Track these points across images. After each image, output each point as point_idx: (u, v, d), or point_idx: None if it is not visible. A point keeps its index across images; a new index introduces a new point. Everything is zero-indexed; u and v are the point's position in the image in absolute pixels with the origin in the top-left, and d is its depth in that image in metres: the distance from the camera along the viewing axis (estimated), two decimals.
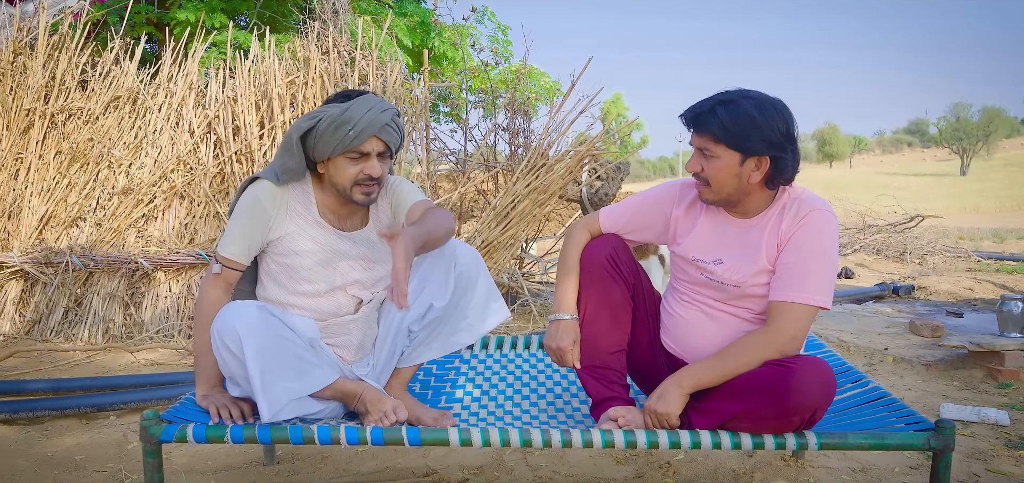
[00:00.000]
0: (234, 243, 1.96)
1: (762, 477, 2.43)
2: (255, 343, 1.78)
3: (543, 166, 4.70)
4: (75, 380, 3.47)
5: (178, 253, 4.41)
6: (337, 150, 1.90)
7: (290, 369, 1.85)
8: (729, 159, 1.79)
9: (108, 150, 4.59)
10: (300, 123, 1.91)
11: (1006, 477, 2.44)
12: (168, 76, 4.78)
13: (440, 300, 2.05)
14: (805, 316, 1.80)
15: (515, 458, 2.59)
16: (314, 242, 2.00)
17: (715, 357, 1.84)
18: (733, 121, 1.77)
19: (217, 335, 1.83)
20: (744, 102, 1.79)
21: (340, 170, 1.94)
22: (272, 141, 4.57)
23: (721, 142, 1.78)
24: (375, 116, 1.92)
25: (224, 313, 1.83)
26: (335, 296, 2.04)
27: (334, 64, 4.53)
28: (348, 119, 1.88)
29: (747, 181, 1.82)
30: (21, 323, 4.35)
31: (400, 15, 8.15)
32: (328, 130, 1.89)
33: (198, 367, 2.01)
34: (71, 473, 2.54)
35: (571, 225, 2.25)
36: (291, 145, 1.92)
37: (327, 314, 2.04)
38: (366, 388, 2.00)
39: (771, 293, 1.84)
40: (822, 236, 1.82)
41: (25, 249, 4.42)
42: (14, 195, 4.50)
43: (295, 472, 2.50)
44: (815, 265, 1.80)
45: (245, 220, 1.96)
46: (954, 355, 3.65)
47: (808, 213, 1.83)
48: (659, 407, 1.82)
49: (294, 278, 2.01)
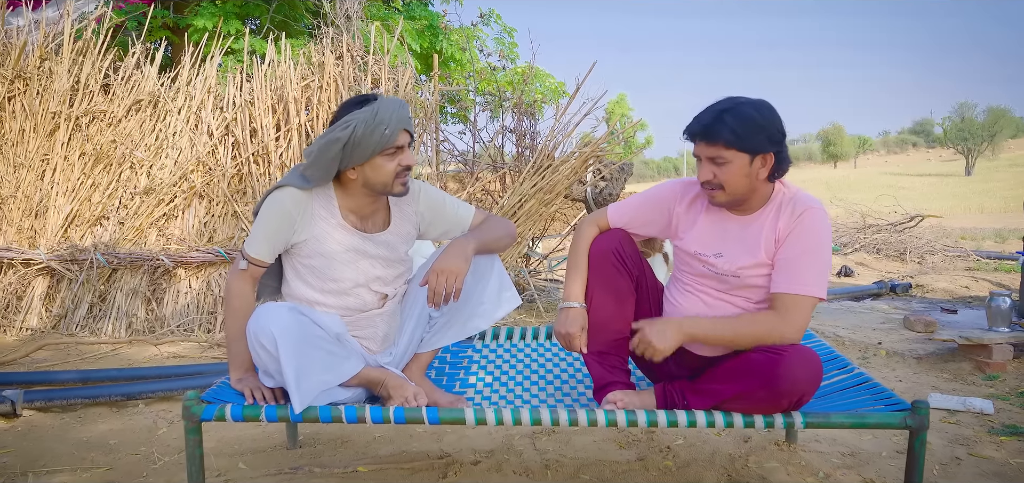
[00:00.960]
0: (260, 243, 2.11)
1: (756, 460, 2.58)
2: (289, 342, 1.93)
3: (549, 167, 4.86)
4: (103, 371, 3.65)
5: (198, 251, 4.58)
6: (375, 151, 2.03)
7: (320, 364, 2.00)
8: (740, 162, 1.93)
9: (130, 151, 4.76)
10: (334, 134, 2.01)
11: (986, 460, 2.59)
12: (187, 80, 4.94)
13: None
14: (808, 307, 1.95)
15: (524, 443, 2.75)
16: (338, 244, 2.14)
17: (723, 320, 1.98)
18: (741, 125, 1.91)
19: (253, 335, 1.98)
20: (744, 107, 1.93)
21: (378, 169, 2.07)
22: (288, 143, 4.74)
23: (732, 147, 1.91)
24: (401, 111, 2.06)
25: (259, 315, 1.99)
26: (359, 292, 2.19)
27: (348, 69, 4.70)
28: (382, 120, 2.01)
29: (756, 178, 1.96)
30: (48, 318, 4.52)
31: (409, 19, 8.31)
32: (365, 135, 2.00)
33: (231, 353, 2.17)
34: (106, 455, 2.70)
35: (580, 220, 2.41)
36: (329, 155, 2.02)
37: (353, 309, 2.19)
38: (388, 375, 2.16)
39: (774, 286, 1.99)
40: (818, 233, 1.97)
41: (51, 247, 4.60)
42: (41, 195, 4.68)
43: (317, 455, 2.66)
44: (813, 260, 1.95)
45: (271, 223, 2.11)
46: (944, 349, 3.79)
47: (804, 211, 1.98)
48: (654, 338, 1.96)
49: (321, 277, 2.16)
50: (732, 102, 1.95)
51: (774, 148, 1.94)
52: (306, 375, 1.95)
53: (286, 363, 1.91)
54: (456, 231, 2.32)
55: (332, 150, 2.01)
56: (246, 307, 2.12)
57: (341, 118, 2.04)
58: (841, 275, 7.17)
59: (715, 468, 2.52)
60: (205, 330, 4.50)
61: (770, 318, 1.96)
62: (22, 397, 3.13)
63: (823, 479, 2.45)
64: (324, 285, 2.16)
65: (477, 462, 2.56)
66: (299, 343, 1.94)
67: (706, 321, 2.00)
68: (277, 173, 4.74)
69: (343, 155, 2.03)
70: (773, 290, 1.98)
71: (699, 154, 1.97)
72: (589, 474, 2.47)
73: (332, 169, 2.06)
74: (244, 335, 2.08)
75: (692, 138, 1.97)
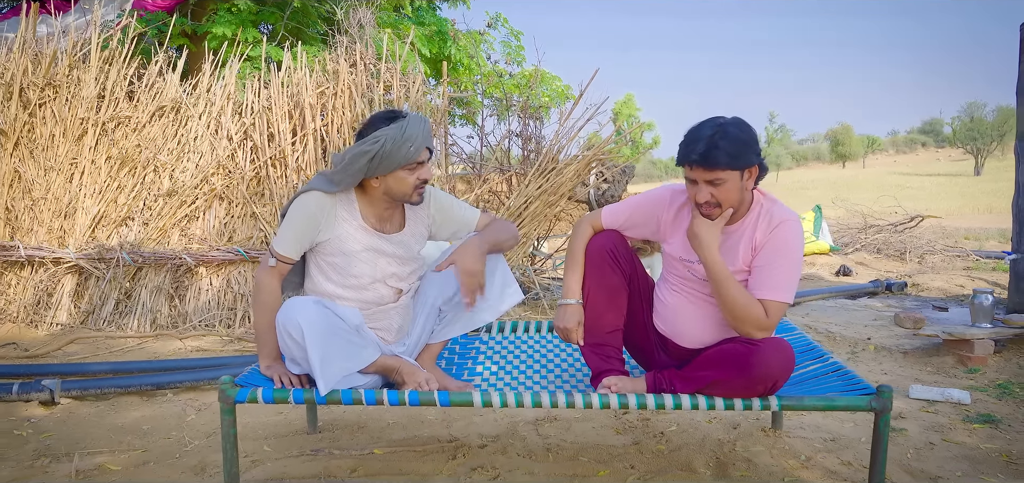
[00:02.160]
0: (288, 243, 2.32)
1: (743, 445, 2.78)
2: (314, 333, 2.14)
3: (553, 169, 5.06)
4: (133, 363, 3.87)
5: (218, 250, 4.80)
6: (399, 165, 2.24)
7: (341, 352, 2.21)
8: (734, 179, 2.11)
9: (154, 155, 4.99)
10: (364, 147, 2.21)
11: (958, 445, 2.78)
12: (207, 87, 5.17)
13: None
14: (779, 310, 2.15)
15: (527, 429, 2.95)
16: (358, 244, 2.35)
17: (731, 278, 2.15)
18: (733, 147, 2.08)
19: (282, 326, 2.20)
20: (730, 129, 2.10)
21: (400, 181, 2.28)
22: (304, 147, 4.96)
23: (727, 168, 2.08)
24: (425, 129, 2.27)
25: (287, 308, 2.20)
26: (376, 288, 2.40)
27: (361, 76, 4.91)
28: (408, 137, 2.21)
29: (745, 189, 2.16)
30: (77, 314, 4.76)
31: (418, 24, 8.53)
32: (392, 151, 2.20)
33: (260, 343, 2.39)
34: (141, 439, 2.92)
35: (578, 220, 2.62)
36: (357, 166, 2.23)
37: (371, 303, 2.41)
38: (402, 363, 2.37)
39: (752, 290, 2.18)
40: (791, 244, 2.17)
41: (80, 246, 4.83)
42: (69, 197, 4.92)
43: (335, 439, 2.88)
44: (786, 269, 2.15)
45: (298, 224, 2.31)
46: (930, 344, 3.97)
47: (779, 224, 2.18)
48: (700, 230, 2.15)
49: (342, 274, 2.37)
50: (717, 126, 2.10)
51: (757, 159, 2.14)
52: (329, 362, 2.16)
53: (312, 352, 2.13)
54: (464, 231, 2.54)
55: (360, 162, 2.22)
56: (274, 301, 2.33)
57: (370, 132, 2.23)
58: (840, 274, 7.33)
59: (705, 452, 2.71)
60: (225, 325, 4.72)
61: (757, 310, 2.15)
62: (60, 386, 3.35)
63: (805, 461, 2.64)
64: (345, 281, 2.37)
65: (484, 445, 2.77)
66: (323, 334, 2.15)
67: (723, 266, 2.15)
68: (293, 176, 4.96)
69: (370, 167, 2.24)
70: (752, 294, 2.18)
71: (696, 178, 2.12)
72: (587, 456, 2.67)
73: (358, 178, 2.27)
74: (272, 326, 2.30)
75: (690, 165, 2.12)
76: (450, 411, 3.14)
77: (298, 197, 2.34)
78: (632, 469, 2.56)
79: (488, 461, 2.62)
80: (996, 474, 2.52)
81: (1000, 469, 2.57)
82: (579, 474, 2.52)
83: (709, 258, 2.13)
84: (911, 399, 3.31)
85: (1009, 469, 2.57)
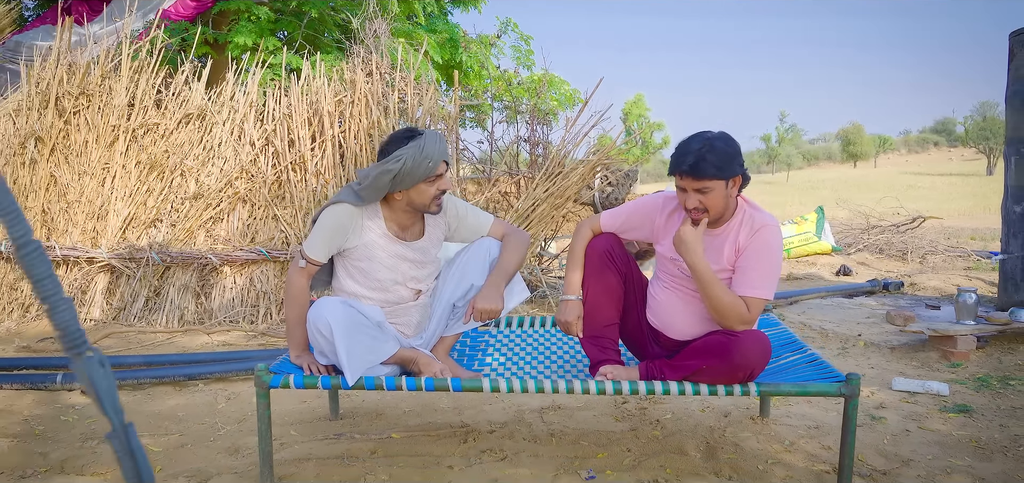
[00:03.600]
0: (318, 247, 2.57)
1: (732, 432, 3.01)
2: (341, 329, 2.39)
3: (560, 173, 5.29)
4: (164, 356, 4.13)
5: (241, 250, 5.07)
6: (419, 180, 2.49)
7: (365, 346, 2.46)
8: (719, 187, 2.34)
9: (181, 161, 5.27)
10: (387, 166, 2.45)
11: (932, 432, 3.00)
12: (231, 95, 5.44)
13: (479, 280, 2.71)
14: (759, 306, 2.39)
15: (533, 417, 3.19)
16: (383, 251, 2.61)
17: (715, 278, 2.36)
18: (719, 159, 2.32)
19: (312, 323, 2.44)
20: (716, 142, 2.34)
21: (421, 193, 2.53)
22: (322, 153, 5.22)
23: (714, 178, 2.32)
24: (441, 145, 2.52)
25: (318, 306, 2.44)
26: (397, 289, 2.67)
27: (376, 85, 5.17)
28: (427, 154, 2.45)
29: (730, 197, 2.40)
30: (109, 310, 5.04)
31: (430, 31, 8.78)
32: (412, 168, 2.45)
33: (290, 336, 2.64)
34: (177, 425, 3.18)
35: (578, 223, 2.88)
36: (381, 183, 2.48)
37: (392, 302, 2.67)
38: (420, 354, 2.62)
39: (735, 288, 2.42)
40: (770, 246, 2.41)
41: (111, 246, 5.11)
42: (102, 200, 5.20)
43: (355, 425, 3.12)
44: (766, 269, 2.39)
45: (328, 231, 2.57)
46: (916, 340, 4.18)
47: (760, 228, 2.42)
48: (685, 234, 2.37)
49: (366, 277, 2.64)
50: (705, 140, 2.34)
51: (741, 169, 2.38)
52: (354, 355, 2.41)
53: (339, 345, 2.38)
54: (478, 235, 2.80)
55: (384, 179, 2.47)
56: (303, 298, 2.59)
57: (391, 151, 2.48)
58: (840, 274, 7.52)
59: (696, 437, 2.94)
60: (249, 321, 4.99)
61: (739, 306, 2.39)
62: None
63: (788, 446, 2.87)
64: (369, 283, 2.63)
65: (492, 431, 3.01)
66: (348, 330, 2.41)
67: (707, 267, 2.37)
68: (313, 180, 5.22)
69: (393, 183, 2.49)
70: (736, 291, 2.41)
71: (685, 187, 2.36)
72: (588, 441, 2.91)
73: (383, 193, 2.53)
74: (301, 321, 2.56)
75: (680, 175, 2.36)
76: (461, 399, 3.39)
77: (329, 207, 2.59)
78: (629, 452, 2.79)
79: (496, 445, 2.86)
80: (964, 457, 2.74)
81: (969, 453, 2.78)
82: (580, 456, 2.76)
83: (694, 261, 2.36)
84: (893, 391, 3.53)
85: (977, 453, 2.79)
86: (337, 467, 2.66)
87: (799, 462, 2.71)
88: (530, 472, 2.61)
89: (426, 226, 2.73)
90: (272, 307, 5.03)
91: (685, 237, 2.38)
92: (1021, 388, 3.53)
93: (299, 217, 5.18)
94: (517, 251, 2.76)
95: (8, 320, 4.99)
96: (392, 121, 5.16)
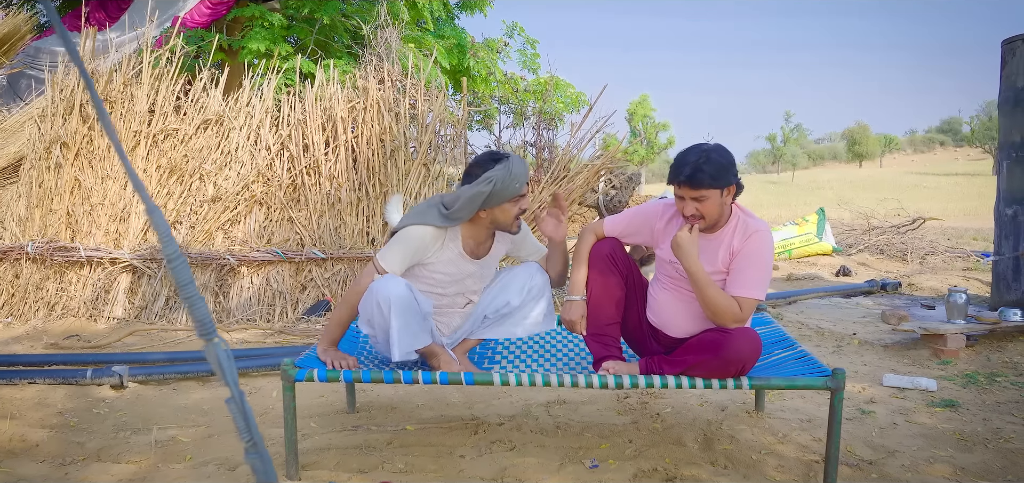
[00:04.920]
0: (395, 262, 2.73)
1: (729, 425, 3.17)
2: (398, 308, 2.58)
3: (565, 177, 5.47)
4: (187, 352, 4.32)
5: (258, 251, 5.26)
6: (506, 200, 2.68)
7: (411, 331, 2.65)
8: (715, 196, 2.53)
9: (200, 165, 5.46)
10: (479, 188, 2.64)
11: (918, 425, 3.16)
12: (247, 101, 5.63)
13: (515, 300, 2.90)
14: (751, 305, 2.57)
15: (539, 410, 3.37)
16: (455, 268, 2.83)
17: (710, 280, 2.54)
18: (715, 170, 2.51)
19: (374, 294, 2.61)
20: (713, 155, 2.53)
21: (505, 213, 2.73)
22: (336, 157, 5.40)
23: (710, 187, 2.51)
24: (525, 168, 2.73)
25: (384, 282, 2.62)
26: (454, 297, 2.91)
27: (388, 92, 5.35)
28: (514, 176, 2.65)
29: (725, 205, 2.59)
30: (131, 309, 5.23)
31: (438, 37, 8.97)
32: (502, 189, 2.64)
33: (329, 329, 2.82)
34: (203, 417, 3.37)
35: (582, 228, 3.08)
36: (475, 204, 2.66)
37: (443, 305, 2.90)
38: (442, 352, 2.83)
39: (728, 289, 2.59)
40: (762, 250, 2.59)
41: (133, 247, 5.31)
42: (124, 203, 5.40)
43: (371, 418, 3.30)
44: (757, 271, 2.57)
45: (408, 251, 2.74)
46: (908, 339, 4.34)
47: (752, 233, 2.60)
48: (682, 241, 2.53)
49: (432, 285, 2.85)
50: (701, 152, 2.53)
51: (735, 180, 2.56)
52: (403, 336, 2.61)
53: (393, 323, 2.58)
54: (534, 257, 3.03)
55: (477, 200, 2.66)
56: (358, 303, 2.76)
57: (480, 173, 2.67)
58: (839, 274, 7.67)
59: (694, 430, 3.11)
60: (265, 320, 5.18)
61: (732, 306, 2.56)
62: (128, 372, 3.82)
63: (781, 438, 3.04)
64: (430, 288, 2.85)
65: (501, 423, 3.18)
66: (404, 311, 2.61)
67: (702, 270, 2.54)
68: (326, 183, 5.41)
69: (484, 203, 2.68)
70: (730, 292, 2.59)
71: (684, 195, 2.55)
72: (592, 433, 3.08)
73: (473, 212, 2.71)
74: (346, 324, 2.80)
75: (679, 185, 2.55)
76: (472, 394, 3.57)
77: (415, 227, 2.75)
78: (630, 443, 2.97)
79: (505, 436, 3.03)
80: (946, 449, 2.90)
81: (952, 445, 2.95)
82: (584, 447, 2.93)
83: (689, 265, 2.54)
84: (884, 386, 3.69)
85: (959, 444, 2.95)
86: (356, 456, 2.85)
87: (791, 453, 2.88)
88: (537, 461, 2.78)
89: (495, 243, 2.93)
90: (288, 306, 5.22)
91: (681, 242, 2.55)
92: (1007, 384, 3.69)
93: (313, 219, 5.37)
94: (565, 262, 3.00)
95: (34, 318, 5.19)
96: (403, 127, 5.34)
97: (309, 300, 5.24)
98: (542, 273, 2.95)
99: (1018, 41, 4.86)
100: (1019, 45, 4.86)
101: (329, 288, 5.17)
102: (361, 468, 2.73)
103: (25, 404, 3.49)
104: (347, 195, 5.39)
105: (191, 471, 2.73)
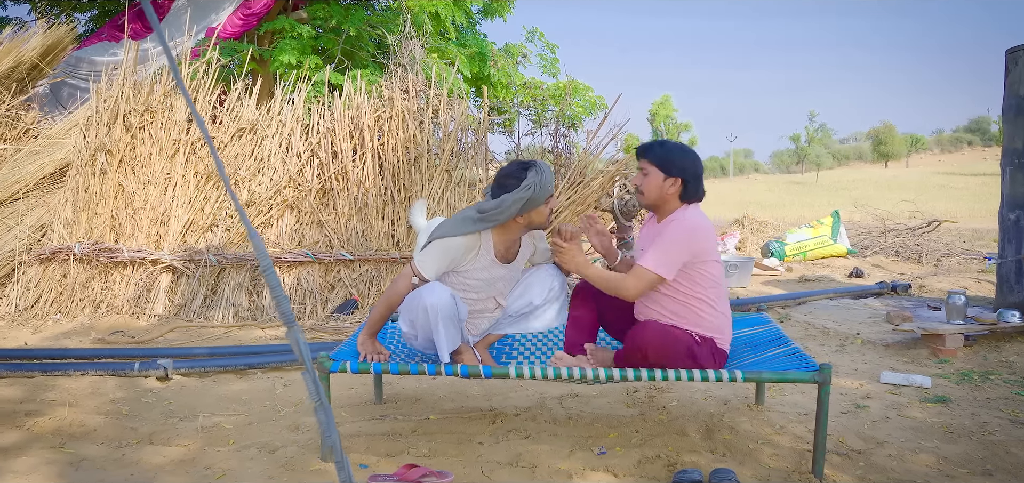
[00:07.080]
0: (430, 268, 2.99)
1: (730, 417, 3.39)
2: (444, 315, 2.86)
3: (581, 182, 5.71)
4: (225, 348, 4.63)
5: (289, 253, 5.56)
6: (540, 202, 2.95)
7: (450, 333, 2.92)
8: (656, 175, 2.86)
9: (235, 171, 5.78)
10: (519, 195, 2.87)
11: (909, 419, 3.36)
12: (279, 110, 5.94)
13: (538, 300, 3.19)
14: (647, 278, 2.82)
15: (553, 403, 3.61)
16: (486, 272, 3.09)
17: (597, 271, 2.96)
18: (664, 152, 2.86)
19: (420, 297, 2.87)
20: (670, 144, 2.89)
21: (541, 213, 3.00)
22: (363, 164, 5.69)
23: (652, 163, 2.85)
24: (552, 171, 3.02)
25: (432, 287, 2.89)
26: (485, 301, 3.17)
27: (413, 102, 5.63)
28: (547, 180, 2.93)
29: (665, 193, 2.87)
30: (171, 307, 5.56)
31: (460, 46, 9.24)
32: (538, 193, 2.91)
33: (370, 322, 3.09)
34: (243, 406, 3.66)
35: None
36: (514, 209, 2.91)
37: (476, 309, 3.17)
38: (467, 348, 3.10)
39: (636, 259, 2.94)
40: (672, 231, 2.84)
41: (173, 249, 5.64)
42: (164, 206, 5.73)
43: (397, 408, 3.57)
44: (660, 247, 2.82)
45: (443, 258, 3.00)
46: (909, 338, 4.52)
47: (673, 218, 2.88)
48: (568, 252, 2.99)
49: (465, 290, 3.11)
50: (666, 141, 2.92)
51: (683, 176, 2.84)
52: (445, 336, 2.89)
53: (440, 328, 2.85)
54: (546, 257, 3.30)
55: (517, 205, 2.91)
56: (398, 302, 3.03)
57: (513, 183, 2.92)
58: (852, 276, 7.82)
59: (697, 422, 3.34)
60: (296, 317, 5.48)
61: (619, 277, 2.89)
62: (172, 365, 4.12)
63: (779, 429, 3.25)
64: (464, 294, 3.12)
65: (517, 414, 3.43)
66: (447, 318, 2.88)
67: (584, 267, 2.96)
68: (354, 189, 5.70)
69: (524, 207, 2.94)
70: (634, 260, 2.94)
71: (639, 165, 2.91)
72: (601, 423, 3.32)
73: (514, 215, 2.95)
74: (383, 320, 3.06)
75: (636, 155, 2.91)
76: (490, 387, 3.82)
77: (449, 238, 3.00)
78: (637, 433, 3.20)
79: (521, 426, 3.28)
80: (933, 440, 3.10)
81: (938, 437, 3.14)
82: (594, 436, 3.17)
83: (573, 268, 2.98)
84: (881, 383, 3.88)
85: (945, 437, 3.14)
86: (383, 442, 3.11)
87: (786, 442, 3.10)
88: (550, 448, 3.03)
89: (522, 247, 3.19)
90: (317, 305, 5.51)
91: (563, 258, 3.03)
92: (999, 382, 3.87)
93: (342, 223, 5.66)
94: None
95: (81, 315, 5.54)
96: (426, 134, 5.62)
97: (337, 299, 5.52)
98: (560, 276, 3.23)
99: (1020, 51, 5.01)
100: (1021, 55, 5.01)
101: (356, 288, 5.46)
102: (388, 452, 3.00)
103: (81, 393, 3.81)
104: (373, 199, 5.67)
105: (235, 454, 3.01)
